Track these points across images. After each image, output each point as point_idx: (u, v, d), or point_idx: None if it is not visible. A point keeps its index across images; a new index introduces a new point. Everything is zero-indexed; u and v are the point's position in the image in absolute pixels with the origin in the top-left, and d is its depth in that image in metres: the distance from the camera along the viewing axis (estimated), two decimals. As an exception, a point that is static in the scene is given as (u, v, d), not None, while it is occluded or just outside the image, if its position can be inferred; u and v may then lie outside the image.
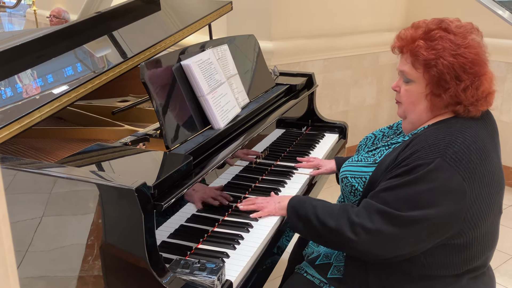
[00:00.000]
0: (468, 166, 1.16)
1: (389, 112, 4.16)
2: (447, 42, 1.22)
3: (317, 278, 1.40)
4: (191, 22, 2.04)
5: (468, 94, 1.21)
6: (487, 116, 1.30)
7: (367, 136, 1.58)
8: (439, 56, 1.21)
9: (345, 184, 1.39)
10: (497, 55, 3.35)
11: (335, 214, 1.25)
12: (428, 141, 1.19)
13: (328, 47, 3.46)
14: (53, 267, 1.22)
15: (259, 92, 1.98)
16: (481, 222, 1.20)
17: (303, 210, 1.32)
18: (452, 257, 1.23)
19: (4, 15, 9.83)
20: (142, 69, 1.40)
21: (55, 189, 1.16)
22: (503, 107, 3.42)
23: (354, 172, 1.37)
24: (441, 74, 1.21)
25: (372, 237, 1.19)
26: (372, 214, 1.19)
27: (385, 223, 1.17)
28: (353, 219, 1.21)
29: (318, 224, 1.27)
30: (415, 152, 1.19)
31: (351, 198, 1.39)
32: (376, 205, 1.20)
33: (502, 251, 2.62)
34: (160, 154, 1.34)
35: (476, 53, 1.21)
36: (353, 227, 1.20)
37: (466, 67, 1.20)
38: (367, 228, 1.18)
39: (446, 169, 1.14)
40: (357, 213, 1.21)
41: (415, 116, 1.31)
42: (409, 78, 1.29)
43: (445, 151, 1.16)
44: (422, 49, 1.23)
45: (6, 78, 1.50)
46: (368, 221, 1.19)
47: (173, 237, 1.29)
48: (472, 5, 3.53)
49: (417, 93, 1.28)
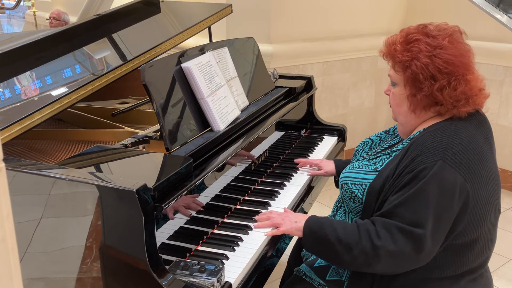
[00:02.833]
0: (468, 166, 1.18)
1: (387, 115, 4.17)
2: (423, 44, 1.25)
3: (316, 280, 1.41)
4: (191, 24, 2.05)
5: (445, 94, 1.24)
6: (479, 117, 1.31)
7: (364, 141, 1.59)
8: (413, 58, 1.26)
9: (345, 190, 1.38)
10: (495, 59, 3.37)
11: (357, 237, 1.21)
12: (427, 145, 1.21)
13: (327, 50, 3.47)
14: (52, 268, 1.21)
15: (258, 95, 1.99)
16: (482, 221, 1.22)
17: (322, 232, 1.26)
18: (454, 257, 1.24)
19: (4, 17, 9.82)
20: (143, 71, 1.40)
21: (55, 190, 1.16)
22: (501, 110, 3.43)
23: (354, 178, 1.37)
24: (415, 74, 1.25)
25: (394, 259, 1.18)
26: (393, 234, 1.18)
27: (408, 244, 1.16)
28: (375, 242, 1.18)
29: (340, 248, 1.22)
30: (415, 157, 1.21)
31: (350, 204, 1.38)
32: (395, 223, 1.18)
33: (499, 254, 2.62)
34: (160, 156, 1.34)
35: (452, 54, 1.24)
36: (376, 250, 1.18)
37: (441, 67, 1.23)
38: (390, 250, 1.17)
39: (448, 170, 1.16)
40: (378, 235, 1.19)
41: (402, 118, 1.36)
42: (393, 81, 1.35)
43: (444, 153, 1.18)
44: (398, 52, 1.29)
45: (5, 80, 1.50)
46: (391, 242, 1.17)
47: (173, 239, 1.29)
48: (470, 9, 3.55)
49: (399, 95, 1.33)
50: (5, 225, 0.42)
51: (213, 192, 1.49)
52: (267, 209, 1.54)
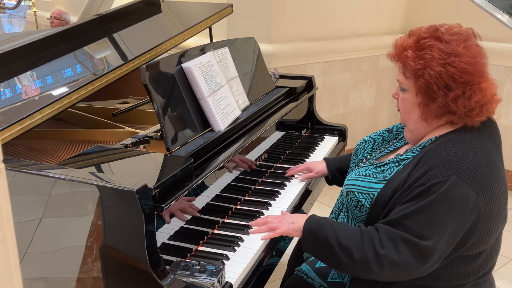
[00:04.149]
0: (481, 180, 1.14)
1: (388, 115, 4.16)
2: (436, 51, 1.19)
3: (317, 281, 1.40)
4: (191, 24, 2.05)
5: (459, 104, 1.18)
6: (491, 125, 1.28)
7: (365, 139, 1.55)
8: (426, 66, 1.19)
9: (351, 198, 1.33)
10: (496, 59, 3.36)
11: (359, 242, 1.18)
12: (441, 157, 1.16)
13: (328, 50, 3.47)
14: (53, 268, 1.21)
15: (259, 95, 1.99)
16: (492, 234, 1.20)
17: (322, 234, 1.23)
18: (461, 268, 1.21)
19: (4, 16, 9.82)
20: (143, 71, 1.40)
21: (55, 190, 1.16)
22: (502, 110, 3.42)
23: (361, 187, 1.31)
24: (428, 84, 1.19)
25: (397, 270, 1.15)
26: (398, 244, 1.14)
27: (412, 255, 1.13)
28: (378, 250, 1.15)
29: (340, 252, 1.19)
30: (429, 170, 1.16)
31: (356, 212, 1.34)
32: (400, 233, 1.15)
33: (500, 254, 2.61)
34: (160, 156, 1.34)
35: (467, 62, 1.18)
36: (379, 259, 1.15)
37: (456, 76, 1.17)
38: (393, 260, 1.14)
39: (461, 185, 1.12)
40: (382, 243, 1.16)
41: (412, 125, 1.30)
42: (403, 87, 1.28)
43: (459, 167, 1.13)
44: (410, 59, 1.22)
45: (6, 80, 1.50)
46: (395, 252, 1.14)
47: (173, 239, 1.29)
48: (471, 9, 3.54)
49: (410, 102, 1.27)
50: (5, 227, 0.42)
51: (214, 192, 1.49)
52: (267, 209, 1.54)
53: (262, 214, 1.51)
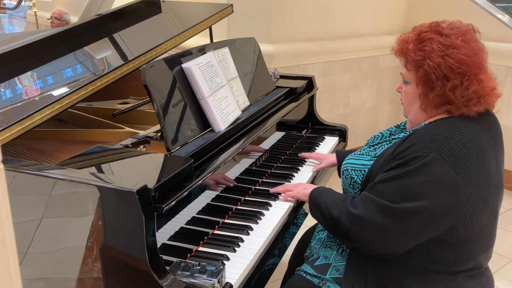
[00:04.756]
0: (464, 162, 1.18)
1: (388, 115, 4.16)
2: (436, 43, 1.25)
3: (317, 278, 1.41)
4: (192, 25, 2.05)
5: (457, 94, 1.23)
6: (488, 118, 1.31)
7: (375, 135, 1.60)
8: (425, 58, 1.25)
9: (345, 177, 1.43)
10: (496, 59, 3.36)
11: (338, 204, 1.32)
12: (425, 136, 1.22)
13: (328, 50, 3.47)
14: (53, 269, 1.21)
15: (259, 95, 1.99)
16: (474, 220, 1.22)
17: (320, 199, 1.39)
18: (445, 254, 1.25)
19: (5, 17, 9.82)
20: (143, 71, 1.40)
21: (55, 191, 1.16)
22: (503, 110, 3.42)
23: (354, 164, 1.41)
24: (427, 74, 1.25)
25: (365, 228, 1.24)
26: (367, 205, 1.24)
27: (378, 214, 1.21)
28: (350, 209, 1.27)
29: (327, 214, 1.34)
30: (411, 146, 1.23)
31: (350, 190, 1.43)
32: (372, 197, 1.24)
33: (501, 254, 2.62)
34: (160, 157, 1.34)
35: (465, 54, 1.23)
36: (349, 217, 1.27)
37: (454, 67, 1.23)
38: (361, 217, 1.24)
39: (440, 163, 1.17)
40: (354, 204, 1.27)
41: (412, 116, 1.37)
42: (405, 79, 1.35)
43: (440, 146, 1.18)
44: (411, 51, 1.29)
45: (7, 80, 1.50)
46: (363, 211, 1.24)
47: (174, 239, 1.29)
48: (472, 9, 3.54)
49: (411, 94, 1.33)
50: (4, 228, 0.42)
51: (214, 193, 1.49)
52: (268, 210, 1.54)
53: (263, 214, 1.51)
